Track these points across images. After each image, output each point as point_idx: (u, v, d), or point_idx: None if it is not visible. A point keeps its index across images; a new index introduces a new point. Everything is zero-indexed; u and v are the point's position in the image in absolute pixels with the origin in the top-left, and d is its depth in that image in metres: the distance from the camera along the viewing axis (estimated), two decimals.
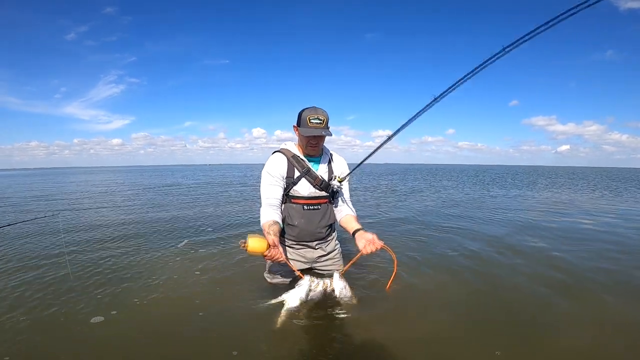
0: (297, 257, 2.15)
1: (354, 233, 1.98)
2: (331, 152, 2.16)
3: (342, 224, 2.13)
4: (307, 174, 2.00)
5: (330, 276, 1.96)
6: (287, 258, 1.94)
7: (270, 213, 1.90)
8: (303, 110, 1.91)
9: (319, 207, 2.05)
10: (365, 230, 1.95)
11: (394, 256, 1.98)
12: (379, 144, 1.75)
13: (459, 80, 1.23)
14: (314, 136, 1.90)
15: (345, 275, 2.01)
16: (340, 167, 2.13)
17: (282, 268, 2.19)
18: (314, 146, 1.96)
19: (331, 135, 1.94)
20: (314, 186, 2.01)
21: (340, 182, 1.98)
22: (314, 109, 1.89)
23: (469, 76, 1.20)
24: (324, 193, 2.04)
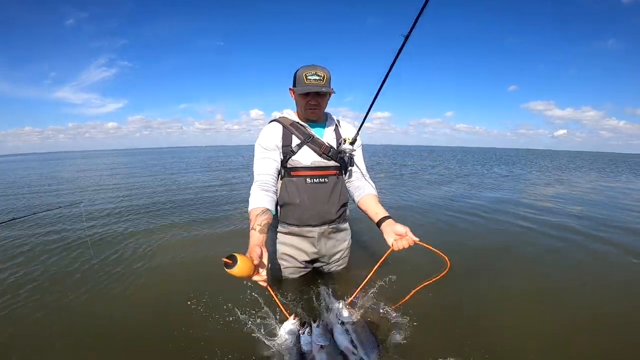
0: (296, 251, 1.80)
1: (379, 223, 1.61)
2: (337, 119, 1.84)
3: (362, 207, 1.74)
4: (310, 141, 1.67)
5: (330, 310, 1.48)
6: (271, 288, 1.38)
7: (260, 197, 1.54)
8: (298, 69, 1.61)
9: (326, 179, 1.71)
10: (395, 221, 1.56)
11: (445, 258, 1.44)
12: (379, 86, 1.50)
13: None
14: (314, 95, 1.61)
15: (357, 302, 1.57)
16: (350, 132, 1.79)
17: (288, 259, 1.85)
18: (314, 108, 1.64)
19: (333, 92, 1.63)
20: (319, 155, 1.68)
21: (351, 143, 1.64)
22: (312, 66, 1.59)
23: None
24: (332, 163, 1.71)
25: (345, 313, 1.47)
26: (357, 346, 1.33)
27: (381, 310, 1.69)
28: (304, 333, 1.36)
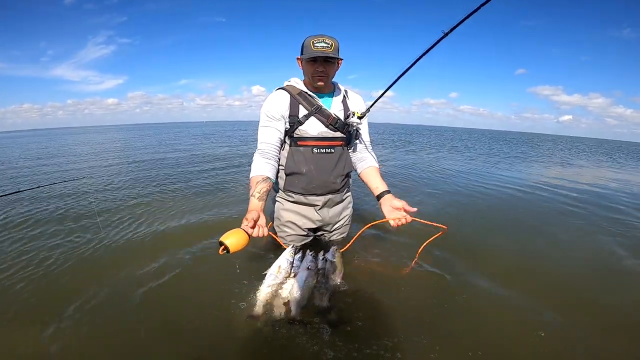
0: (300, 219, 1.83)
1: (378, 196, 1.73)
2: (345, 89, 1.83)
3: (364, 178, 1.83)
4: (318, 112, 1.68)
5: (325, 250, 1.68)
6: (274, 233, 1.62)
7: (261, 165, 1.62)
8: (306, 38, 1.60)
9: (332, 150, 1.73)
10: (394, 196, 1.69)
11: (441, 227, 1.64)
12: (404, 71, 1.50)
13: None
14: (321, 62, 1.59)
15: (346, 253, 1.73)
16: (358, 104, 1.80)
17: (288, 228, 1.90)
18: (322, 76, 1.63)
19: (341, 59, 1.63)
20: (326, 126, 1.69)
21: (360, 117, 1.67)
22: (320, 34, 1.57)
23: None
24: (339, 134, 1.72)
25: (333, 256, 1.65)
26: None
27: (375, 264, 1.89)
28: (297, 258, 1.62)
